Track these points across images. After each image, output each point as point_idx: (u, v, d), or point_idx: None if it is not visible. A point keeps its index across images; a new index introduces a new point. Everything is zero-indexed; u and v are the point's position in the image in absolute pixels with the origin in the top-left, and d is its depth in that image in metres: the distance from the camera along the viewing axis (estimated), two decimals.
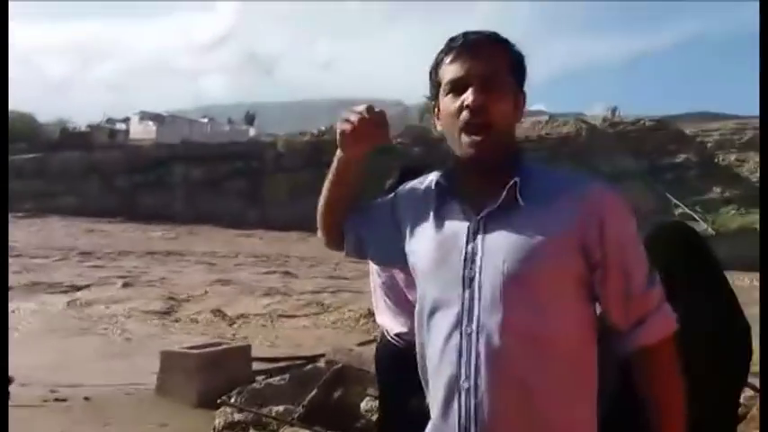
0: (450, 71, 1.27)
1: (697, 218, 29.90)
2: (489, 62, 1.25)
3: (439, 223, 1.31)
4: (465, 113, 1.24)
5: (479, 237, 1.25)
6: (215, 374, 5.65)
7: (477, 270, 1.24)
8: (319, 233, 1.53)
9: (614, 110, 43.73)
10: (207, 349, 6.04)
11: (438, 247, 1.30)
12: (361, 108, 1.36)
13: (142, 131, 50.88)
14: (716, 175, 34.26)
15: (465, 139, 1.25)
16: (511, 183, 1.24)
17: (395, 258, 1.42)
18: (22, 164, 36.64)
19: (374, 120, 1.35)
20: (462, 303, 1.25)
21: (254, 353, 6.55)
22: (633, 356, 1.29)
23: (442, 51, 1.30)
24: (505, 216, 1.24)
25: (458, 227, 1.28)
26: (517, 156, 1.30)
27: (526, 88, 1.33)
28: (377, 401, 3.34)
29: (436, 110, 1.33)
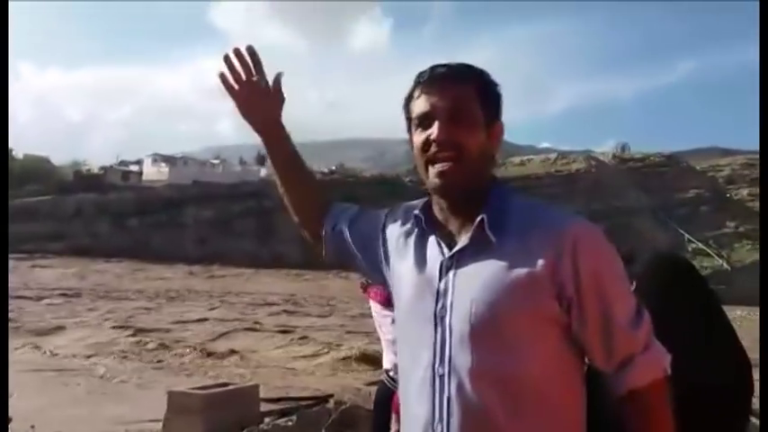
0: (417, 106, 1.25)
1: (711, 253, 29.65)
2: (455, 95, 1.22)
3: (417, 257, 1.28)
4: (433, 147, 1.22)
5: (451, 273, 1.21)
6: (222, 415, 5.56)
7: (448, 308, 1.19)
8: (301, 231, 1.51)
9: (624, 146, 44.00)
10: (214, 390, 5.96)
11: (415, 282, 1.26)
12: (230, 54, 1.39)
13: (155, 173, 51.65)
14: (729, 210, 34.04)
15: (432, 169, 1.22)
16: (479, 218, 1.20)
17: (377, 273, 1.41)
18: (37, 205, 37.09)
19: (247, 61, 1.39)
20: (434, 343, 1.20)
21: (262, 393, 6.46)
22: (621, 400, 1.21)
23: (411, 86, 1.29)
24: (477, 252, 1.19)
25: (432, 262, 1.24)
26: (491, 188, 1.25)
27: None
28: None
29: (412, 144, 1.31)
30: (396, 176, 43.01)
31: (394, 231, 1.36)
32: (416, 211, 1.30)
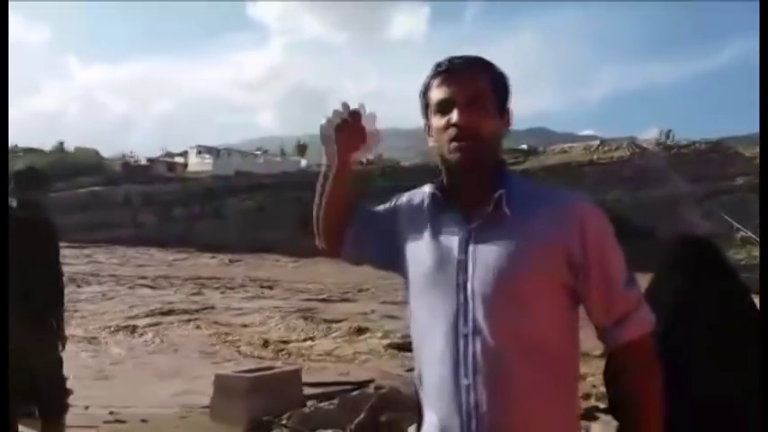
0: (437, 93, 1.40)
1: (759, 242, 28.67)
2: (471, 84, 1.38)
3: (435, 233, 1.42)
4: (452, 130, 1.37)
5: (471, 245, 1.36)
6: (266, 398, 5.76)
7: (470, 276, 1.35)
8: (319, 241, 1.62)
9: (668, 133, 42.86)
10: (259, 373, 6.17)
11: (434, 255, 1.40)
12: (345, 108, 1.48)
13: (199, 164, 52.65)
14: None
15: (453, 146, 1.37)
16: (497, 194, 1.35)
17: (392, 263, 1.52)
18: (88, 196, 38.36)
19: (364, 119, 1.47)
20: (458, 307, 1.35)
21: (304, 378, 6.64)
22: (615, 352, 1.41)
23: (430, 75, 1.43)
24: (494, 226, 1.35)
25: (451, 236, 1.39)
26: (502, 170, 1.41)
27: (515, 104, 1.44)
28: None
29: (428, 128, 1.45)
30: (435, 165, 42.84)
31: (405, 214, 1.50)
32: (434, 192, 1.45)
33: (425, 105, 1.45)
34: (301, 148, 69.15)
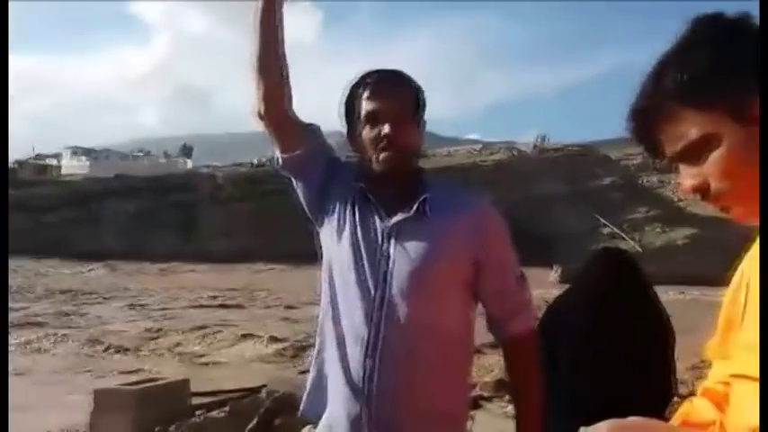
0: (368, 105, 1.52)
1: (624, 237, 31.24)
2: (400, 99, 1.52)
3: (357, 223, 1.54)
4: (384, 142, 1.50)
5: (392, 240, 1.51)
6: (152, 411, 5.57)
7: (390, 267, 1.50)
8: (256, 100, 1.59)
9: (543, 137, 45.68)
10: (142, 385, 5.94)
11: (355, 243, 1.53)
12: None
13: (75, 167, 49.43)
14: (640, 196, 35.91)
15: (382, 156, 1.51)
16: (422, 198, 1.51)
17: (315, 207, 1.62)
18: None
19: None
20: (374, 296, 1.49)
21: (192, 388, 6.47)
22: (504, 345, 1.60)
23: (356, 85, 1.54)
24: (413, 224, 1.51)
25: (374, 230, 1.53)
26: (420, 175, 1.57)
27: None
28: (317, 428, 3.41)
29: (350, 133, 1.58)
30: None
31: (342, 186, 1.59)
32: (360, 186, 1.55)
33: (351, 113, 1.56)
34: (187, 150, 66.76)
